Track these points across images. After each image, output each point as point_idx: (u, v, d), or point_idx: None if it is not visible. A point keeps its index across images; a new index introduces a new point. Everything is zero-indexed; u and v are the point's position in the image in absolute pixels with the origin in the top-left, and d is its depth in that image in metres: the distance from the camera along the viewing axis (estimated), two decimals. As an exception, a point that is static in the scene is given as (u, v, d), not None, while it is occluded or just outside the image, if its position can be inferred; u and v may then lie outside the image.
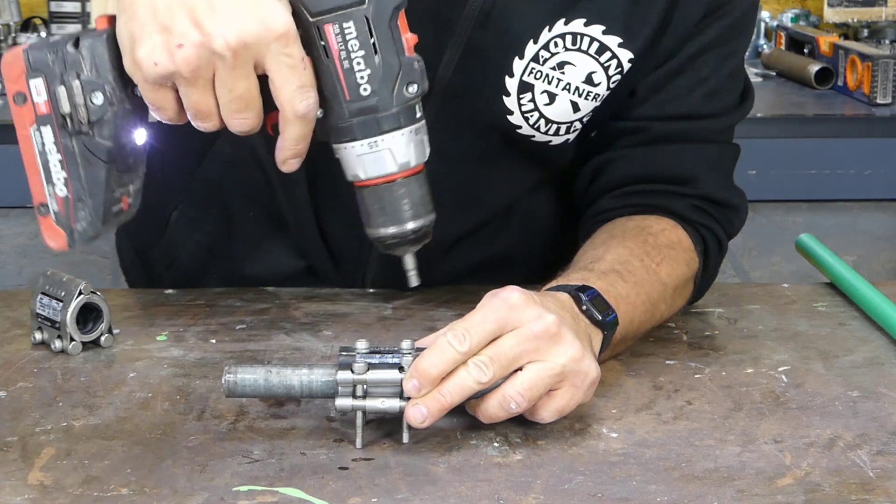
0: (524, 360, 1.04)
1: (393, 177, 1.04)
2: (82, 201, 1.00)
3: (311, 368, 1.06)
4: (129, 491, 0.98)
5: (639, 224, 1.32)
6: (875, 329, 1.34)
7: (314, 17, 1.00)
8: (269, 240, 1.46)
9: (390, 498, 0.98)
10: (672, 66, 1.34)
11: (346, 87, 1.01)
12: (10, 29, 3.12)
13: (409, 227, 1.05)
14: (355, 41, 1.00)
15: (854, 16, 3.25)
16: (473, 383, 1.03)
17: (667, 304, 1.28)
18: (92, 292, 1.25)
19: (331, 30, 1.00)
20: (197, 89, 1.00)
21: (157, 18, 0.98)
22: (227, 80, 1.00)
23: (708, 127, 1.37)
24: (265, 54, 0.99)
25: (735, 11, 1.34)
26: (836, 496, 0.99)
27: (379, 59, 1.01)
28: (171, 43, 0.98)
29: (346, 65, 1.01)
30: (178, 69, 0.99)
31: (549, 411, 1.06)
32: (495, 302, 1.06)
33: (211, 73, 0.99)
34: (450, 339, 1.03)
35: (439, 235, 1.41)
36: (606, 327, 1.15)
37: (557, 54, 1.29)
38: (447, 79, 1.30)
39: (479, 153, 1.36)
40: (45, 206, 1.00)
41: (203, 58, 0.98)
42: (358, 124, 1.02)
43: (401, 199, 1.04)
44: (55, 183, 1.00)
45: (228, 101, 1.01)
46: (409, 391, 1.03)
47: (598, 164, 1.39)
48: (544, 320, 1.05)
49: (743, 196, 1.40)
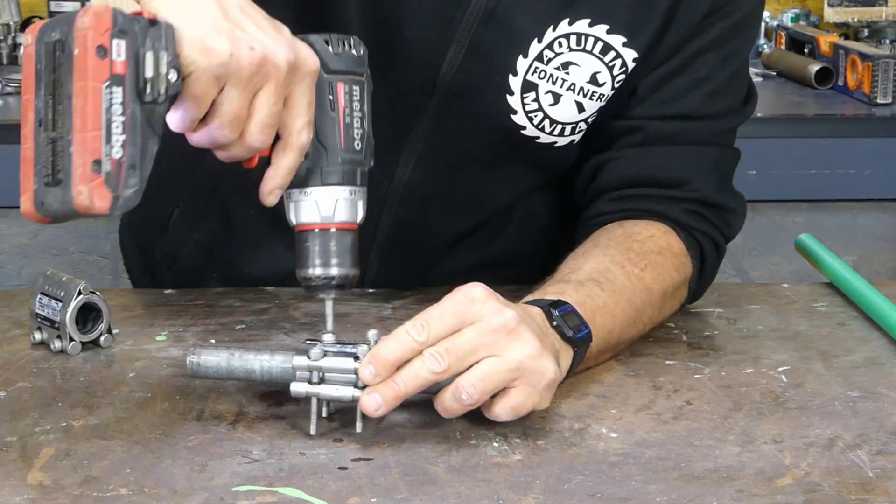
0: (481, 353, 1.05)
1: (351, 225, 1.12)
2: (135, 168, 1.00)
3: (273, 354, 1.09)
4: (129, 491, 0.98)
5: (627, 231, 1.32)
6: (875, 329, 1.34)
7: (329, 73, 1.10)
8: (270, 240, 1.46)
9: (390, 498, 0.98)
10: (672, 65, 1.34)
11: (344, 139, 1.11)
12: (10, 29, 3.12)
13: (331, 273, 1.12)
14: (358, 103, 1.11)
15: (854, 16, 3.25)
16: (427, 373, 1.04)
17: (654, 309, 1.27)
18: (91, 292, 1.25)
19: (342, 88, 1.10)
20: (245, 94, 1.03)
21: (230, 18, 1.03)
22: (272, 95, 1.04)
23: (708, 128, 1.36)
24: (299, 83, 1.05)
25: (738, 12, 1.34)
26: (836, 496, 0.99)
27: (367, 126, 1.12)
28: (244, 42, 1.02)
29: (347, 120, 1.11)
30: (243, 66, 1.02)
31: (504, 409, 1.06)
32: (457, 296, 1.07)
33: (264, 82, 1.04)
34: (409, 329, 1.05)
35: (439, 235, 1.42)
36: (577, 344, 1.15)
37: (562, 54, 1.29)
38: (450, 77, 1.30)
39: (482, 154, 1.36)
40: (99, 162, 0.98)
41: (267, 65, 1.03)
42: (346, 171, 1.11)
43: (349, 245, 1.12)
44: (114, 144, 0.99)
45: (263, 116, 1.05)
46: (365, 377, 1.04)
47: (597, 164, 1.39)
48: (503, 315, 1.06)
49: (741, 199, 1.40)
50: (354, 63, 1.11)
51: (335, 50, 1.10)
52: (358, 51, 1.11)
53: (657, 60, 1.33)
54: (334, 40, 1.10)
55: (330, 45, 1.10)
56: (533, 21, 1.28)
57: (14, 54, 3.10)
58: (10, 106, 2.71)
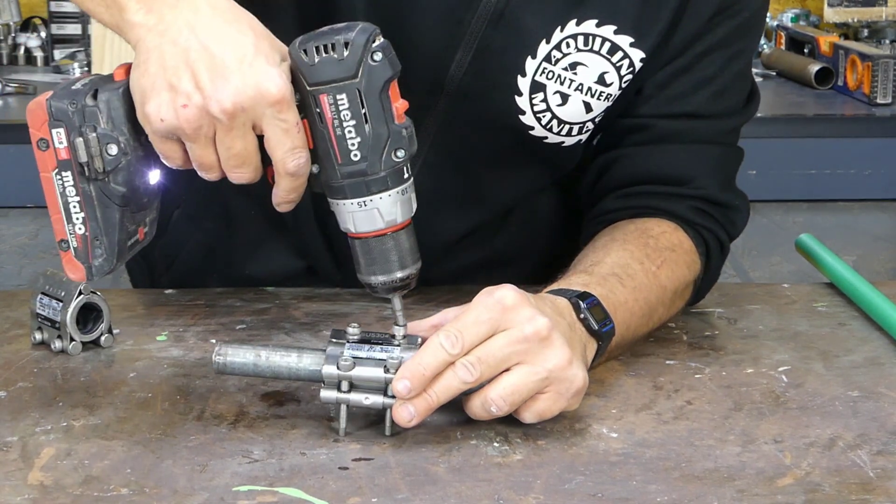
0: (513, 361, 1.06)
1: (381, 231, 1.09)
2: (99, 240, 1.08)
3: (301, 356, 1.09)
4: (129, 491, 0.98)
5: (640, 227, 1.32)
6: (875, 329, 1.34)
7: (311, 86, 1.06)
8: (270, 240, 1.46)
9: (390, 498, 0.98)
10: (679, 64, 1.34)
11: (339, 152, 1.08)
12: (10, 29, 3.12)
13: (396, 276, 1.10)
14: (347, 111, 1.06)
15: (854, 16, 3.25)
16: (460, 383, 1.05)
17: (665, 308, 1.28)
18: (92, 292, 1.25)
19: (325, 100, 1.06)
20: (199, 145, 1.06)
21: (166, 77, 1.04)
22: (225, 140, 1.06)
23: (713, 127, 1.37)
24: (261, 117, 1.05)
25: (744, 12, 1.34)
26: (837, 496, 0.99)
27: (369, 129, 1.07)
28: (176, 102, 1.04)
29: (338, 132, 1.07)
30: (181, 126, 1.05)
31: (531, 413, 1.08)
32: (489, 301, 1.07)
33: (212, 131, 1.05)
34: (442, 342, 1.05)
35: (442, 235, 1.42)
36: (602, 338, 1.16)
37: (569, 55, 1.30)
38: (459, 78, 1.30)
39: (490, 154, 1.37)
40: (65, 241, 1.08)
41: (203, 118, 1.04)
42: (349, 185, 1.08)
43: (389, 251, 1.10)
44: (75, 222, 1.08)
45: (227, 158, 1.07)
46: (400, 392, 1.04)
47: (604, 163, 1.39)
48: (536, 323, 1.06)
49: (744, 198, 1.40)
50: (338, 69, 1.05)
51: (312, 60, 1.05)
52: (341, 53, 1.05)
53: (664, 59, 1.33)
54: (313, 48, 1.05)
55: (307, 55, 1.05)
56: (541, 22, 1.29)
57: (14, 54, 3.10)
58: (10, 106, 2.71)
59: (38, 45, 3.10)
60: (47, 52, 3.08)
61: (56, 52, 3.05)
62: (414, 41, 1.27)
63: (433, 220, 1.41)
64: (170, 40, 1.04)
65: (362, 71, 1.06)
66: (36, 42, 3.11)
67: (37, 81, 2.84)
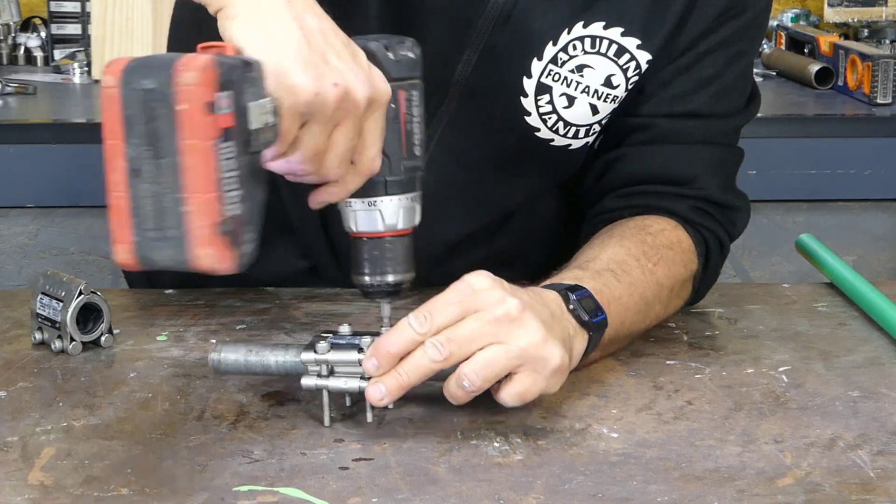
0: (483, 342, 1.06)
1: (380, 234, 1.11)
2: (252, 223, 0.96)
3: (286, 349, 1.11)
4: (130, 491, 0.98)
5: (638, 224, 1.32)
6: (875, 329, 1.34)
7: (392, 81, 1.07)
8: (273, 240, 1.45)
9: (390, 498, 0.98)
10: (682, 63, 1.34)
11: (406, 147, 1.10)
12: (10, 29, 3.12)
13: (388, 280, 1.12)
14: (417, 108, 1.10)
15: (854, 16, 3.25)
16: (429, 362, 1.05)
17: (662, 305, 1.28)
18: (92, 292, 1.25)
19: (403, 95, 1.09)
20: (326, 130, 1.03)
21: (314, 48, 1.01)
22: (351, 130, 1.04)
23: (714, 127, 1.37)
24: (372, 113, 1.05)
25: (748, 13, 1.35)
26: (837, 496, 0.99)
27: (423, 126, 1.11)
28: (328, 78, 1.01)
29: (408, 127, 1.10)
30: (328, 105, 1.01)
31: (510, 394, 1.07)
32: (460, 286, 1.08)
33: (344, 118, 1.03)
34: (411, 321, 1.06)
35: (444, 235, 1.42)
36: (593, 329, 1.15)
37: (576, 57, 1.30)
38: (465, 79, 1.30)
39: (495, 156, 1.37)
40: (219, 224, 0.94)
41: (348, 102, 1.02)
42: (407, 181, 1.11)
43: (384, 254, 1.11)
44: (230, 201, 0.94)
45: (344, 150, 1.04)
46: (368, 369, 1.06)
47: (605, 162, 1.39)
48: (506, 305, 1.06)
49: (745, 198, 1.40)
50: (412, 67, 1.09)
51: (395, 56, 1.08)
52: (415, 52, 1.10)
53: (668, 59, 1.34)
54: (394, 45, 1.09)
55: (390, 51, 1.08)
56: (548, 24, 1.29)
57: (14, 54, 3.10)
58: (10, 106, 2.71)
59: (38, 45, 3.10)
60: (47, 52, 3.07)
61: (56, 52, 3.05)
62: (422, 41, 1.27)
63: (437, 221, 1.40)
64: (296, 16, 1.02)
65: (421, 74, 1.10)
66: (36, 42, 3.10)
67: (37, 81, 2.83)
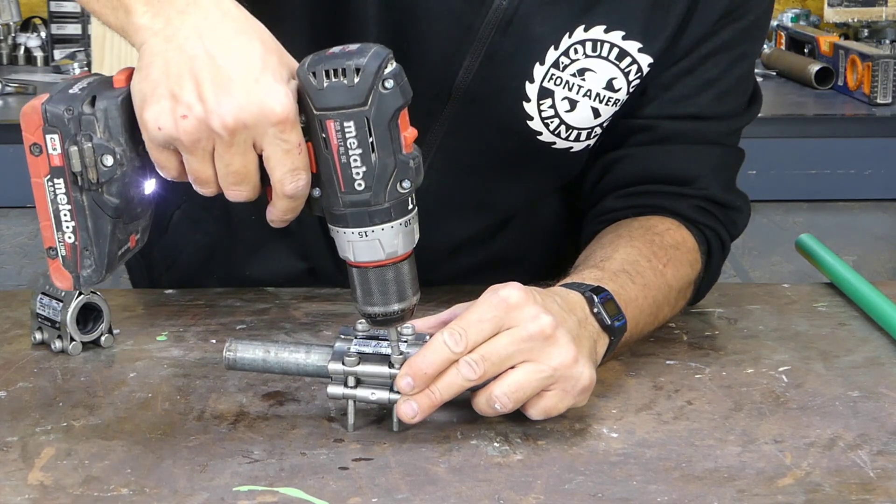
0: (517, 359, 1.06)
1: (381, 262, 1.06)
2: (88, 250, 1.04)
3: (309, 352, 1.10)
4: (129, 491, 0.98)
5: (644, 224, 1.32)
6: (875, 329, 1.34)
7: (317, 111, 1.01)
8: (272, 242, 1.46)
9: (390, 498, 0.98)
10: (683, 65, 1.34)
11: (342, 181, 1.03)
12: (10, 29, 3.12)
13: (394, 308, 1.07)
14: (354, 139, 1.02)
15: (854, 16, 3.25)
16: (463, 380, 1.05)
17: (670, 307, 1.28)
18: (92, 292, 1.25)
19: (332, 126, 1.01)
20: (196, 158, 1.02)
21: (168, 84, 1.00)
22: (224, 156, 1.02)
23: (716, 128, 1.37)
24: (262, 136, 1.01)
25: (750, 15, 1.35)
26: (837, 496, 0.99)
27: (376, 158, 1.02)
28: (176, 111, 1.00)
29: (343, 160, 1.02)
30: (179, 137, 1.01)
31: (537, 409, 1.08)
32: (494, 300, 1.07)
33: (211, 146, 1.02)
34: (446, 339, 1.05)
35: (446, 239, 1.42)
36: (614, 333, 1.16)
37: (578, 61, 1.30)
38: (467, 84, 1.30)
39: (497, 160, 1.37)
40: (54, 249, 1.05)
41: (203, 132, 1.00)
42: (351, 214, 1.04)
43: (388, 283, 1.07)
44: (64, 230, 1.04)
45: (225, 175, 1.03)
46: (403, 388, 1.05)
47: (607, 163, 1.39)
48: (540, 321, 1.06)
49: (745, 198, 1.40)
50: (347, 95, 1.00)
51: (321, 84, 1.00)
52: (351, 79, 1.00)
53: (670, 62, 1.34)
54: (322, 71, 1.00)
55: (316, 78, 1.00)
56: (550, 28, 1.29)
57: (14, 54, 3.10)
58: (10, 106, 2.71)
59: (38, 45, 3.10)
60: (47, 52, 3.08)
61: (56, 52, 3.05)
62: (423, 46, 1.27)
63: (438, 224, 1.41)
64: (175, 46, 1.01)
65: (372, 99, 1.01)
66: (36, 42, 3.11)
67: (37, 81, 2.84)
